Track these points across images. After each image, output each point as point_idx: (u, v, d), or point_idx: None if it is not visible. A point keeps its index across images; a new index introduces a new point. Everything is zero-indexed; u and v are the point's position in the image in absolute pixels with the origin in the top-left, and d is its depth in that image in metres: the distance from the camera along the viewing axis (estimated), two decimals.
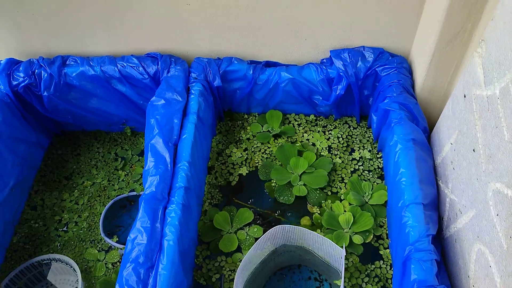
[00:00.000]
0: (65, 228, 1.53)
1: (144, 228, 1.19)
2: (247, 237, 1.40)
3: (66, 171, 1.69)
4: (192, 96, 1.45)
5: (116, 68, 1.54)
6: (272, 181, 1.51)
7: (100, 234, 1.49)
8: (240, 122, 1.68)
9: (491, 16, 0.97)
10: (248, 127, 1.65)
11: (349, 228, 1.37)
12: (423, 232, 1.12)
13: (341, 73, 1.47)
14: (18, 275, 1.43)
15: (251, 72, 1.54)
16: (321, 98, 1.54)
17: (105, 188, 1.63)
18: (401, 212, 1.15)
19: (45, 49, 1.63)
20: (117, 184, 1.64)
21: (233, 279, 1.29)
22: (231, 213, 1.44)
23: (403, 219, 1.16)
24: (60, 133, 1.81)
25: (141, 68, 1.53)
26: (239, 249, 1.38)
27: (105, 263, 1.45)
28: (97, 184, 1.64)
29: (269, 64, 1.59)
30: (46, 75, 1.54)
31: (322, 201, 1.45)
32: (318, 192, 1.47)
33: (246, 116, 1.70)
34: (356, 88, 1.49)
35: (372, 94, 1.50)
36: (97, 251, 1.48)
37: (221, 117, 1.66)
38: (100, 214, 1.54)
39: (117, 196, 1.59)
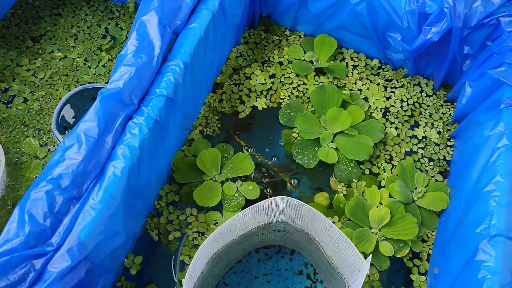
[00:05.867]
0: (8, 101, 1.23)
1: (86, 137, 0.80)
2: (236, 195, 1.06)
3: (35, 31, 1.36)
4: None
5: None
6: (295, 130, 1.18)
7: (51, 125, 1.19)
8: (278, 38, 1.34)
9: None
10: (286, 48, 1.31)
11: (379, 230, 1.02)
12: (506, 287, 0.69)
13: (445, 9, 0.99)
14: None
15: None
16: (399, 38, 1.17)
17: (78, 68, 1.30)
18: (477, 242, 0.76)
19: None
20: (95, 68, 1.31)
21: (197, 245, 1.02)
22: (225, 155, 1.10)
23: (479, 255, 0.75)
24: None
25: None
26: (218, 207, 1.07)
27: (43, 164, 1.14)
28: (69, 60, 1.31)
29: None
30: None
31: (354, 180, 1.11)
32: (352, 165, 1.10)
33: (288, 32, 1.34)
34: (457, 38, 1.03)
35: (475, 55, 1.12)
36: (38, 145, 1.16)
37: (254, 23, 1.32)
38: (60, 99, 1.23)
39: (89, 82, 1.27)
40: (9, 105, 1.20)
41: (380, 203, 1.05)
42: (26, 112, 1.20)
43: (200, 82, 1.05)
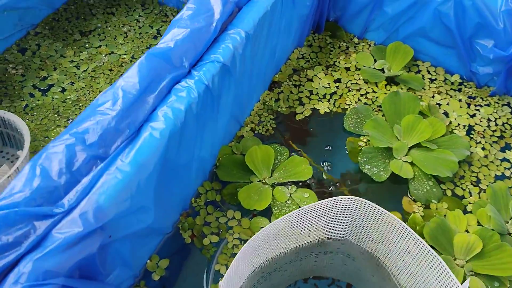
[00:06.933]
0: (45, 89, 1.14)
1: (124, 93, 0.65)
2: (288, 201, 0.88)
3: (85, 26, 1.30)
4: None
5: None
6: (362, 138, 1.02)
7: None
8: (345, 44, 1.23)
9: None
10: (354, 55, 1.19)
11: (467, 261, 0.81)
12: None
13: None
14: None
15: None
16: (491, 44, 1.02)
17: (123, 64, 1.20)
18: None
19: None
20: None
21: (236, 254, 0.73)
22: (278, 156, 0.89)
23: None
24: None
25: None
26: (267, 213, 0.89)
27: None
28: (116, 56, 1.23)
29: None
30: None
31: (433, 201, 0.92)
32: (431, 183, 0.90)
33: (356, 40, 1.23)
34: None
35: None
36: None
37: (320, 27, 1.20)
38: (100, 92, 1.10)
39: None
40: (46, 93, 1.11)
41: (467, 231, 0.84)
42: (62, 101, 1.10)
43: (257, 72, 0.91)
